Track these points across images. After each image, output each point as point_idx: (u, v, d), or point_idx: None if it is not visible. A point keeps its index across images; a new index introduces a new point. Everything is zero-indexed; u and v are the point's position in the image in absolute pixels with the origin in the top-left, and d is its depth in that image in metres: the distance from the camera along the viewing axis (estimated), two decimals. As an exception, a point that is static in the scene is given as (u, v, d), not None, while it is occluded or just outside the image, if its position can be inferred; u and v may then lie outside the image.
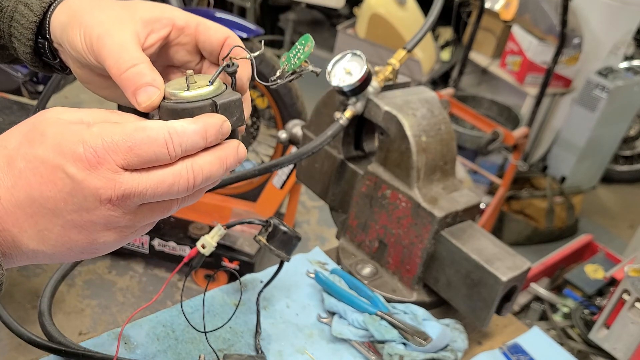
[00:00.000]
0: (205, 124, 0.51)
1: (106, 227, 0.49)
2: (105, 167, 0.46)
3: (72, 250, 0.50)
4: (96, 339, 0.84)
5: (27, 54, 0.62)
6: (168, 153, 0.48)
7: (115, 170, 0.47)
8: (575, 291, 2.17)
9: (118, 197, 0.47)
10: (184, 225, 2.50)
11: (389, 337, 0.89)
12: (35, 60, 0.63)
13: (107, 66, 0.55)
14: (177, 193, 0.50)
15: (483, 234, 0.98)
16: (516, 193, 3.27)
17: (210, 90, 0.54)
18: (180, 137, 0.49)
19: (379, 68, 1.01)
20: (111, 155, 0.46)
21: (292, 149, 2.09)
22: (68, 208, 0.47)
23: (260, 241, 0.87)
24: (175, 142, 0.49)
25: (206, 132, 0.50)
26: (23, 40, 0.62)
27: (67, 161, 0.46)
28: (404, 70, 3.37)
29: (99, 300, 2.40)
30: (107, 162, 0.46)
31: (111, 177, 0.47)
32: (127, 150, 0.47)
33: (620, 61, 3.54)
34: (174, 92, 0.54)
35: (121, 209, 0.48)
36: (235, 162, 0.54)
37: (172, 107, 0.53)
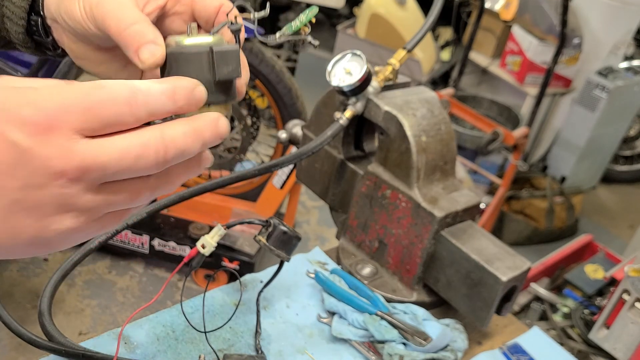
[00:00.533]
0: (174, 85, 0.45)
1: (60, 209, 0.41)
2: (58, 133, 0.39)
3: (18, 240, 0.41)
4: (96, 339, 0.84)
5: (20, 33, 0.62)
6: (131, 113, 0.42)
7: (69, 137, 0.39)
8: (575, 291, 2.17)
9: (74, 169, 0.39)
10: (184, 225, 2.50)
11: (389, 337, 0.89)
12: (28, 40, 0.63)
13: (108, 26, 0.53)
14: (146, 168, 0.43)
15: (483, 234, 0.98)
16: (516, 193, 3.27)
17: (211, 40, 0.54)
18: (145, 96, 0.42)
19: (379, 68, 1.01)
20: (64, 117, 0.39)
21: (292, 149, 2.10)
22: (12, 184, 0.39)
23: (260, 241, 0.87)
24: (140, 101, 0.42)
25: (175, 93, 0.45)
26: (15, 20, 0.61)
27: (10, 126, 0.38)
28: (404, 70, 3.37)
29: (99, 300, 2.40)
30: (59, 126, 0.39)
31: (65, 144, 0.39)
32: (84, 110, 0.40)
33: (620, 61, 3.54)
34: (176, 40, 0.54)
35: (78, 185, 0.40)
36: (213, 137, 0.47)
37: (169, 51, 0.53)
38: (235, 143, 2.47)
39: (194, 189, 0.87)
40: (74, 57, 0.62)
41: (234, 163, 2.51)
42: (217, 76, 0.54)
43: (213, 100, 0.55)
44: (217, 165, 2.54)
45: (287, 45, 4.17)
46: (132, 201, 0.45)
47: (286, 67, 2.40)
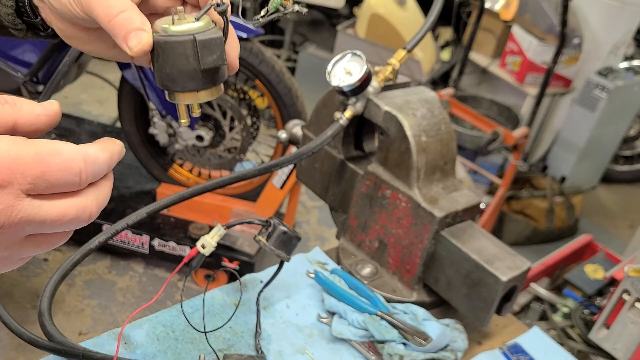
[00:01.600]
0: (112, 153, 0.47)
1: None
2: (7, 190, 0.40)
3: None
4: (96, 339, 0.84)
5: (9, 15, 0.62)
6: (79, 183, 0.44)
7: (16, 195, 0.41)
8: (575, 291, 2.17)
9: (12, 224, 0.41)
10: (184, 225, 2.50)
11: (389, 337, 0.88)
12: (18, 22, 0.63)
13: (96, 15, 0.54)
14: (76, 226, 0.45)
15: (483, 234, 0.98)
16: (516, 193, 3.27)
17: (198, 26, 0.55)
18: (93, 166, 0.45)
19: (379, 68, 1.01)
20: (17, 178, 0.40)
21: (292, 149, 2.10)
22: None
23: (260, 241, 0.87)
24: (89, 172, 0.44)
25: (112, 161, 0.47)
26: (4, 1, 0.61)
27: None
28: (404, 70, 3.37)
29: (99, 300, 2.40)
30: (10, 185, 0.40)
31: (10, 202, 0.41)
32: (37, 175, 0.41)
33: (620, 61, 3.54)
34: (162, 26, 0.55)
35: (10, 237, 0.43)
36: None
37: (155, 39, 0.54)
38: (235, 143, 2.47)
39: (194, 189, 0.87)
40: (63, 36, 0.63)
41: (234, 163, 2.51)
42: (202, 65, 0.55)
43: (200, 86, 0.56)
44: (217, 165, 2.54)
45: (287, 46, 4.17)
46: (47, 249, 0.47)
47: (286, 67, 2.40)
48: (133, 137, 2.54)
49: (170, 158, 2.66)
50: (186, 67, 0.56)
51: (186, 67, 0.56)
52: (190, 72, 0.56)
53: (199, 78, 0.56)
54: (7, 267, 0.47)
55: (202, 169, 2.66)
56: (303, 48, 4.15)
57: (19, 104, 0.44)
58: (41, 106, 0.46)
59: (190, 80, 0.57)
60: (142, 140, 2.55)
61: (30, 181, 0.41)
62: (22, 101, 0.45)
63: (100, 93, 3.82)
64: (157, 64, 0.56)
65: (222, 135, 2.46)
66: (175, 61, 0.56)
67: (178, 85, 0.57)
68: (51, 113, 0.46)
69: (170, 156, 2.66)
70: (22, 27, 0.64)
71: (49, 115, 0.46)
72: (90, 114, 3.62)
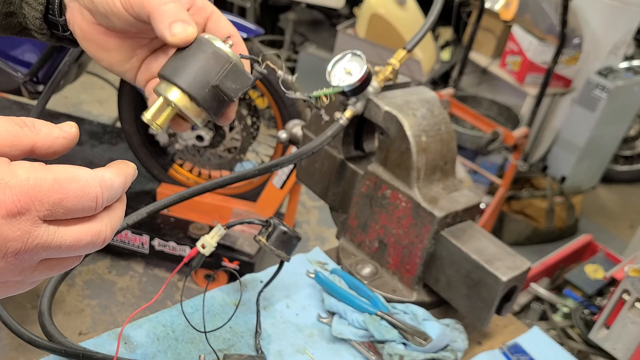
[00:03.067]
0: (126, 176, 0.48)
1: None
2: (25, 218, 0.41)
3: None
4: (96, 339, 0.84)
5: (37, 19, 0.63)
6: (95, 208, 0.44)
7: (33, 222, 0.41)
8: (575, 291, 2.17)
9: (28, 251, 0.42)
10: (184, 225, 2.50)
11: (389, 337, 0.88)
12: (43, 27, 0.64)
13: (145, 1, 0.56)
14: (90, 250, 0.46)
15: (483, 234, 0.98)
16: (516, 193, 3.27)
17: (239, 60, 0.58)
18: (109, 191, 0.45)
19: (379, 68, 1.01)
20: (35, 205, 0.41)
21: (292, 149, 2.09)
22: None
23: (260, 241, 0.87)
24: (105, 197, 0.45)
25: (126, 184, 0.48)
26: (34, 5, 0.62)
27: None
28: (404, 70, 3.37)
29: (99, 300, 2.40)
30: (28, 213, 0.41)
31: (27, 228, 0.41)
32: (56, 201, 0.42)
33: (620, 61, 3.54)
34: (209, 37, 0.58)
35: (21, 263, 0.42)
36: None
37: (199, 37, 0.57)
38: (235, 143, 2.47)
39: (194, 189, 0.87)
40: (82, 39, 0.63)
41: (234, 163, 2.51)
42: (217, 82, 0.56)
43: (198, 98, 0.57)
44: (217, 165, 2.54)
45: (287, 46, 4.17)
46: (59, 272, 0.48)
47: (286, 67, 2.40)
48: (133, 137, 2.54)
49: (170, 158, 2.66)
50: (203, 74, 0.57)
51: (203, 74, 0.57)
52: (202, 80, 0.57)
53: (203, 91, 0.57)
54: (19, 290, 0.47)
55: (202, 169, 2.66)
56: (303, 48, 4.15)
57: (38, 126, 0.45)
58: (59, 129, 0.46)
59: (195, 85, 0.57)
60: (142, 140, 2.55)
61: (48, 208, 0.41)
62: (41, 124, 0.45)
63: (100, 93, 3.82)
64: (182, 57, 0.57)
65: (222, 135, 2.46)
66: (201, 64, 0.57)
67: (182, 80, 0.57)
68: (69, 136, 0.46)
69: (170, 156, 2.66)
70: (46, 31, 0.65)
71: (67, 138, 0.46)
72: (90, 114, 3.62)
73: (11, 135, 0.43)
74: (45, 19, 0.64)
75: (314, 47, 4.17)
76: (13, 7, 0.64)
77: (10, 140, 0.43)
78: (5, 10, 0.65)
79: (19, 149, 0.43)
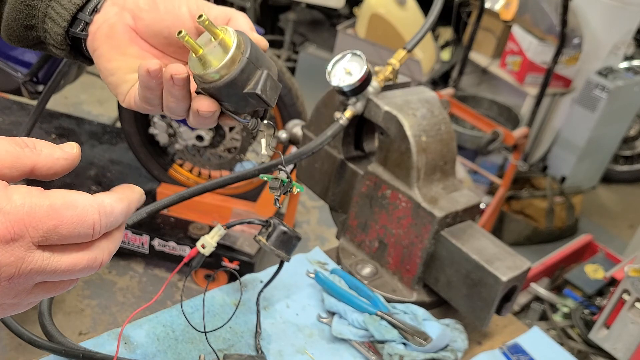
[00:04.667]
0: (130, 202, 0.47)
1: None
2: (19, 244, 0.40)
3: None
4: (96, 339, 0.84)
5: (59, 35, 0.63)
6: (92, 235, 0.44)
7: (28, 248, 0.41)
8: (575, 291, 2.17)
9: (22, 276, 0.41)
10: (184, 225, 2.50)
11: (389, 337, 0.88)
12: (64, 43, 0.64)
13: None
14: (86, 274, 0.45)
15: (483, 234, 0.98)
16: (516, 193, 3.27)
17: None
18: (108, 218, 0.44)
19: (379, 68, 1.01)
20: (30, 232, 0.40)
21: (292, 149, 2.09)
22: None
23: (260, 241, 0.87)
24: (103, 224, 0.44)
25: (129, 211, 0.47)
26: (58, 21, 0.62)
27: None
28: (404, 70, 3.37)
29: (99, 300, 2.40)
30: (22, 239, 0.40)
31: (21, 254, 0.40)
32: (51, 228, 0.41)
33: (620, 61, 3.54)
34: None
35: (15, 287, 0.42)
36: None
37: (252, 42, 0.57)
38: (235, 143, 2.47)
39: (194, 189, 0.87)
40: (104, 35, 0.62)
41: (234, 163, 2.51)
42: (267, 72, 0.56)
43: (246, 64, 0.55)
44: (217, 165, 2.54)
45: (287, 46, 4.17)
46: (54, 294, 0.47)
47: (286, 67, 2.40)
48: (133, 137, 2.54)
49: (170, 158, 2.66)
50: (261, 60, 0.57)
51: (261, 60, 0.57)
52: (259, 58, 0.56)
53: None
54: (16, 311, 0.46)
55: (202, 169, 2.66)
56: (303, 48, 4.14)
57: (39, 147, 0.44)
58: (61, 150, 0.45)
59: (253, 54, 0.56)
60: (142, 140, 2.55)
61: (43, 234, 0.41)
62: (42, 144, 0.45)
63: (100, 93, 3.82)
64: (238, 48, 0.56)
65: (222, 135, 2.46)
66: (266, 58, 0.57)
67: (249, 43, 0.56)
68: (70, 157, 0.46)
69: (170, 156, 2.66)
70: (65, 47, 0.64)
71: (68, 159, 0.46)
72: (90, 114, 3.62)
73: (11, 156, 0.42)
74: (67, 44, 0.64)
75: (314, 47, 4.17)
76: (35, 20, 0.64)
77: (10, 161, 0.42)
78: (26, 24, 0.64)
79: (19, 169, 0.43)
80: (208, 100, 0.57)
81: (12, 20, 0.64)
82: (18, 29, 0.65)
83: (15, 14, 0.64)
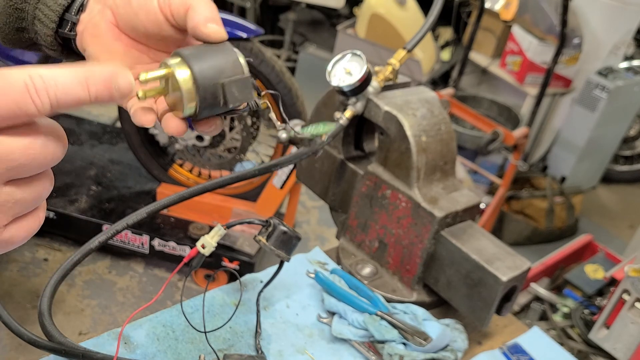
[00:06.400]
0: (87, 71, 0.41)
1: None
2: None
3: None
4: (96, 339, 0.84)
5: (48, 36, 0.64)
6: (33, 102, 0.38)
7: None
8: (575, 291, 2.17)
9: None
10: (184, 225, 2.50)
11: (389, 337, 0.88)
12: (55, 43, 0.65)
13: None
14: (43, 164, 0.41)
15: (483, 234, 0.98)
16: (516, 193, 3.27)
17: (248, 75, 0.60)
18: (47, 81, 0.38)
19: (379, 68, 1.01)
20: None
21: (292, 149, 2.09)
22: None
23: (260, 241, 0.87)
24: (39, 86, 0.38)
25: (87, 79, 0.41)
26: (46, 22, 0.63)
27: None
28: (404, 70, 3.37)
29: (99, 300, 2.40)
30: None
31: None
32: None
33: (620, 61, 3.54)
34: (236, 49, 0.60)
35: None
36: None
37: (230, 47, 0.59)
38: (235, 143, 2.47)
39: (194, 189, 0.87)
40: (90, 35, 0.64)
41: (234, 163, 2.51)
42: (225, 82, 0.57)
43: (201, 86, 0.57)
44: (217, 165, 2.54)
45: (287, 46, 4.17)
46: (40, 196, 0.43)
47: (286, 67, 2.40)
48: (133, 137, 2.54)
49: (170, 158, 2.66)
50: (217, 71, 0.58)
51: (217, 71, 0.58)
52: (213, 75, 0.58)
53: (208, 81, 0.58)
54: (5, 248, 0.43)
55: (202, 169, 2.66)
56: (303, 48, 4.15)
57: None
58: None
59: (205, 74, 0.57)
60: (142, 140, 2.55)
61: None
62: None
63: (100, 93, 3.81)
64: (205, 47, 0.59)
65: (222, 135, 2.46)
66: (220, 62, 0.58)
67: (197, 65, 0.57)
68: None
69: (170, 156, 2.66)
70: (57, 48, 0.65)
71: None
72: (90, 114, 3.61)
73: None
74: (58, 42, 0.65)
75: (314, 47, 4.17)
76: (25, 23, 0.65)
77: None
78: (17, 26, 0.65)
79: None
80: (175, 122, 0.60)
81: (3, 23, 0.66)
82: (10, 32, 0.66)
83: (6, 17, 0.65)
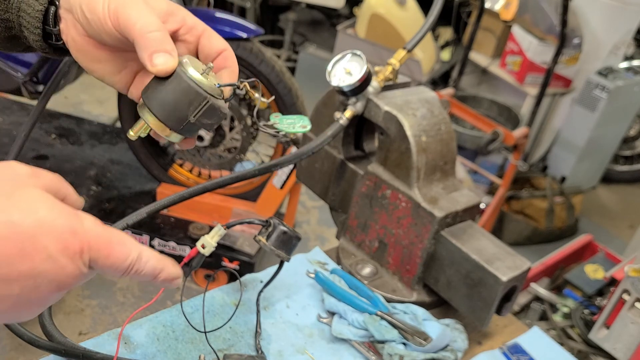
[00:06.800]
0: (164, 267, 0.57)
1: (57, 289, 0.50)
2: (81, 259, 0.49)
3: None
4: (96, 339, 0.84)
5: (37, 41, 0.65)
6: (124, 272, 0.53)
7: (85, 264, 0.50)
8: (575, 291, 2.17)
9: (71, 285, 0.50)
10: (184, 225, 2.50)
11: (389, 337, 0.88)
12: (45, 46, 0.66)
13: (131, 26, 0.57)
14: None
15: (483, 234, 0.98)
16: (516, 193, 3.27)
17: (217, 91, 0.61)
18: (139, 266, 0.54)
19: (379, 68, 1.01)
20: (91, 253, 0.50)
21: (292, 149, 2.09)
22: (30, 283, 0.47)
23: (260, 241, 0.87)
24: (134, 268, 0.53)
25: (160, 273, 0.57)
26: (32, 29, 0.64)
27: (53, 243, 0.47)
28: (404, 70, 3.37)
29: (99, 300, 2.40)
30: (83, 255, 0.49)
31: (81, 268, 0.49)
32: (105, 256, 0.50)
33: (620, 61, 3.54)
34: (192, 70, 0.59)
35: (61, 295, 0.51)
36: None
37: (179, 70, 0.58)
38: (235, 143, 2.47)
39: (194, 189, 0.87)
40: (75, 50, 0.65)
41: (234, 163, 2.51)
42: (193, 119, 0.60)
43: (174, 127, 0.60)
44: (217, 165, 2.54)
45: (287, 46, 4.17)
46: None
47: (286, 67, 2.40)
48: (133, 137, 2.54)
49: (170, 158, 2.66)
50: (181, 109, 0.59)
51: (181, 109, 0.59)
52: (179, 114, 0.60)
53: (179, 122, 0.60)
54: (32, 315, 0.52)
55: (202, 169, 2.66)
56: (303, 48, 4.15)
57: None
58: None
59: (172, 117, 0.60)
60: (142, 140, 2.55)
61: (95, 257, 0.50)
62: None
63: (100, 93, 3.82)
64: (161, 86, 0.59)
65: (222, 135, 2.46)
66: (179, 99, 0.59)
67: (160, 111, 0.60)
68: None
69: (170, 156, 2.66)
70: (49, 50, 0.67)
71: None
72: (90, 114, 3.62)
73: None
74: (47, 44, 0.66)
75: (314, 47, 4.17)
76: (14, 31, 0.66)
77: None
78: (7, 35, 0.67)
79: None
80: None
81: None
82: (3, 42, 0.68)
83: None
